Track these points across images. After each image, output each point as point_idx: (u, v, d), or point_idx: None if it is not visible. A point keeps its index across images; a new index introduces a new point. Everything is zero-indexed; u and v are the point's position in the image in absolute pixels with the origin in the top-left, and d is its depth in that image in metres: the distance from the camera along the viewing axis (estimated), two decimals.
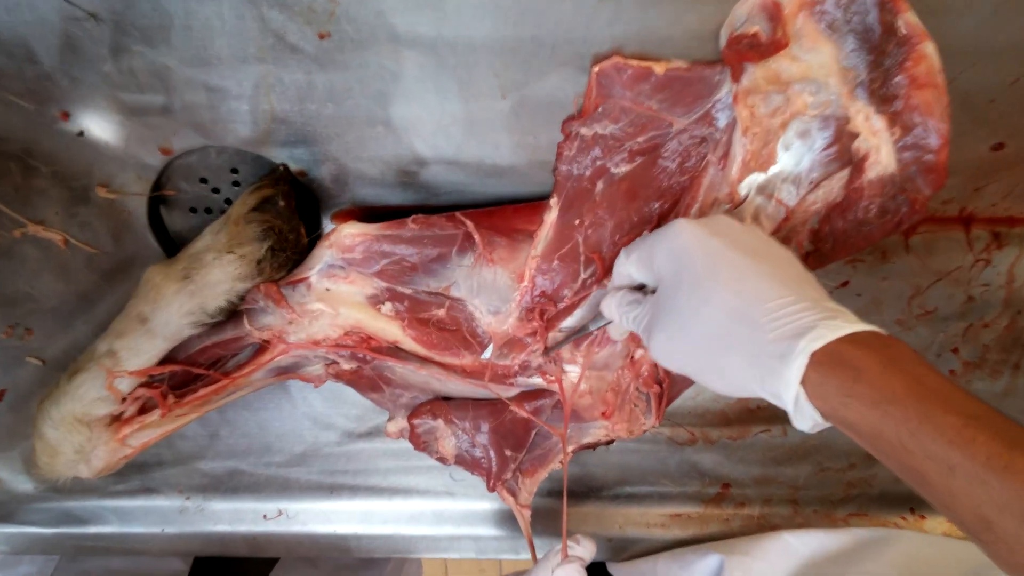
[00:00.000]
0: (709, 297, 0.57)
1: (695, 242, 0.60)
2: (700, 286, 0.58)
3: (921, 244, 0.84)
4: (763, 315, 0.54)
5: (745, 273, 0.57)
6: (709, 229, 0.61)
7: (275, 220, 0.72)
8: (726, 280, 0.57)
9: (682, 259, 0.60)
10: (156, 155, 0.75)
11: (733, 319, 0.56)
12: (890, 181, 0.66)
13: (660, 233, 0.63)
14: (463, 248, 0.76)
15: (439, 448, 0.83)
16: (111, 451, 0.77)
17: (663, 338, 0.61)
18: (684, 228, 0.61)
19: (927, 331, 0.90)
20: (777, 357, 0.52)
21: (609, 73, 0.66)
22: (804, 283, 0.57)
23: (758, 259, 0.58)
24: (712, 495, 1.02)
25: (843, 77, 0.64)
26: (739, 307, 0.56)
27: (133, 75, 0.69)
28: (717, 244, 0.59)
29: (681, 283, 0.59)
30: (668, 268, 0.62)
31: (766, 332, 0.53)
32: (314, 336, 0.77)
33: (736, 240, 0.60)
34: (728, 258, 0.58)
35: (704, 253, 0.59)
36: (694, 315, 0.58)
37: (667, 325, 0.60)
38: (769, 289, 0.56)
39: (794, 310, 0.54)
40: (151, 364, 0.75)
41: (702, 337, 0.58)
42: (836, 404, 0.50)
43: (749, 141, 0.68)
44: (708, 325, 0.57)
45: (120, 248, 0.81)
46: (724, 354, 0.57)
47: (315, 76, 0.69)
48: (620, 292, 0.69)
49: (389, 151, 0.75)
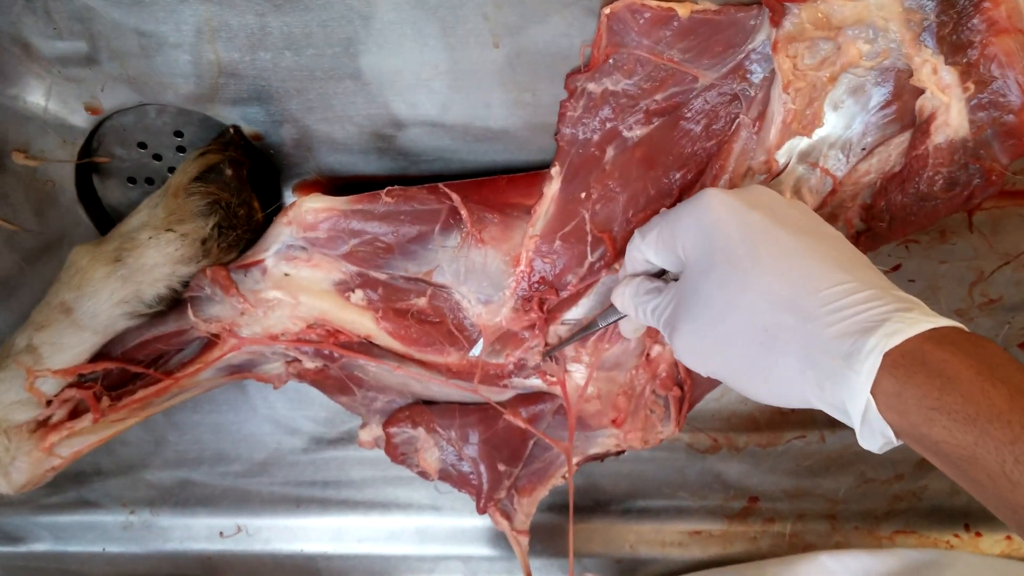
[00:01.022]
0: (749, 282, 0.54)
1: (729, 216, 0.57)
2: (737, 268, 0.55)
3: (987, 221, 0.82)
4: (819, 304, 0.51)
5: (792, 253, 0.54)
6: (746, 200, 0.58)
7: (221, 192, 0.72)
8: (769, 261, 0.54)
9: (713, 237, 0.57)
10: (82, 115, 0.74)
11: (780, 309, 0.52)
12: (961, 147, 0.64)
13: (685, 207, 0.61)
14: (448, 226, 0.75)
15: (420, 461, 0.83)
16: (35, 462, 0.76)
17: (690, 334, 0.58)
18: (715, 199, 0.58)
19: (990, 322, 0.89)
20: (840, 357, 0.49)
21: (623, 16, 0.65)
22: (864, 267, 0.55)
23: (806, 237, 0.55)
24: (737, 510, 1.02)
25: (906, 20, 0.62)
26: (787, 294, 0.52)
27: (49, 17, 0.68)
28: (756, 218, 0.56)
29: (713, 266, 0.57)
30: (696, 248, 0.59)
31: (824, 325, 0.50)
32: (271, 330, 0.77)
33: (779, 214, 0.57)
34: (771, 235, 0.55)
35: (741, 229, 0.56)
36: (730, 305, 0.55)
37: (695, 317, 0.58)
38: (824, 272, 0.53)
39: (859, 298, 0.50)
40: (80, 361, 0.74)
41: (740, 332, 0.55)
42: (917, 419, 0.46)
43: (790, 99, 0.66)
44: (748, 317, 0.54)
45: (45, 224, 0.81)
46: (768, 353, 0.53)
47: (269, 18, 0.68)
48: (635, 280, 0.67)
49: (360, 110, 0.74)
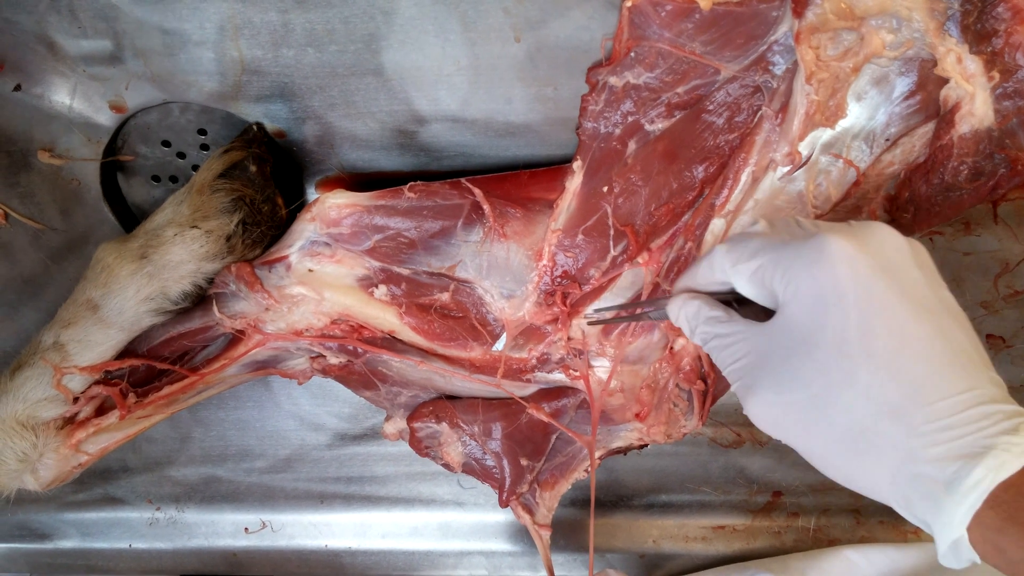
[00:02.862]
0: (857, 376, 0.48)
1: (851, 282, 0.50)
2: (847, 356, 0.49)
3: (1012, 212, 0.82)
4: (926, 418, 0.47)
5: (909, 345, 0.49)
6: (873, 259, 0.51)
7: (246, 188, 0.72)
8: (884, 355, 0.48)
9: (827, 299, 0.50)
10: (107, 113, 0.75)
11: (884, 416, 0.48)
12: (986, 137, 0.64)
13: (802, 249, 0.52)
14: (470, 221, 0.75)
15: (443, 455, 0.83)
16: (62, 459, 0.76)
17: (771, 405, 0.53)
18: (839, 253, 0.50)
19: (1017, 314, 0.88)
20: (940, 482, 0.45)
21: (644, 9, 0.65)
22: (974, 356, 0.49)
23: (928, 319, 0.49)
24: (761, 504, 1.01)
25: (930, 9, 0.62)
26: (896, 401, 0.48)
27: (74, 16, 0.68)
28: (880, 289, 0.50)
29: (818, 342, 0.50)
30: (802, 306, 0.51)
31: (928, 443, 0.46)
32: (295, 325, 0.77)
33: (904, 280, 0.51)
34: (892, 316, 0.49)
35: (860, 304, 0.49)
36: (829, 395, 0.49)
37: (782, 389, 0.52)
38: (938, 376, 0.48)
39: (968, 416, 0.46)
40: (106, 358, 0.74)
41: (834, 426, 0.50)
42: (1016, 557, 0.43)
43: (814, 90, 0.66)
44: (847, 415, 0.49)
45: (70, 223, 0.81)
46: (859, 456, 0.49)
47: (291, 16, 0.69)
48: (697, 301, 0.59)
49: (382, 106, 0.74)
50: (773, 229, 0.56)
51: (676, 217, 0.72)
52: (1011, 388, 0.88)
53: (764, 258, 0.54)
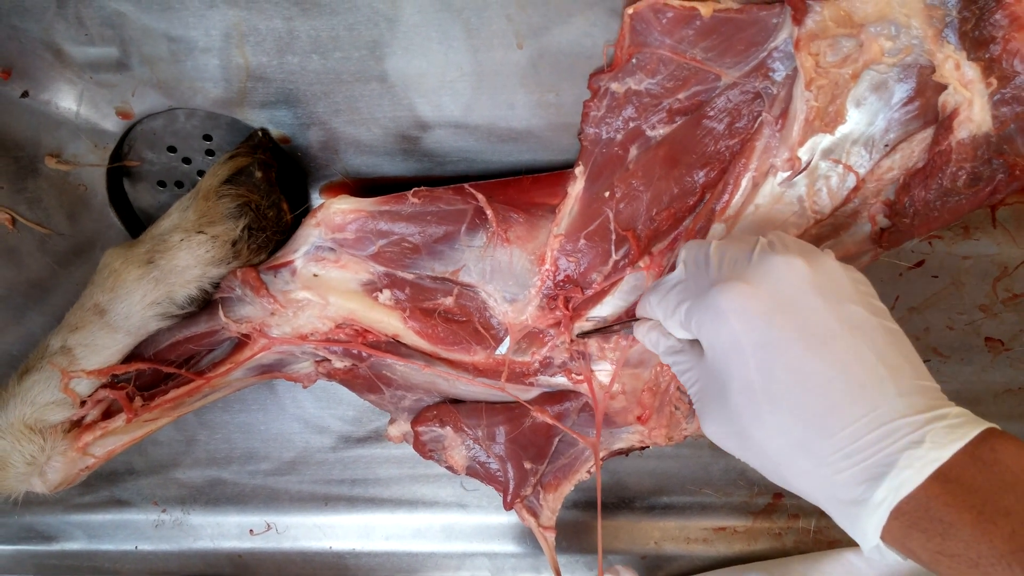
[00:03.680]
0: (764, 419, 0.53)
1: (745, 328, 0.54)
2: (752, 402, 0.53)
3: (1010, 216, 0.81)
4: (831, 450, 0.50)
5: (810, 381, 0.52)
6: (767, 301, 0.54)
7: (251, 194, 0.72)
8: (785, 393, 0.52)
9: (728, 350, 0.54)
10: (113, 119, 0.74)
11: (793, 451, 0.52)
12: (984, 142, 0.63)
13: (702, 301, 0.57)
14: (473, 226, 0.75)
15: (448, 459, 0.83)
16: (70, 462, 0.76)
17: (714, 432, 0.58)
18: (731, 303, 0.54)
19: (1015, 318, 0.88)
20: (850, 503, 0.50)
21: (646, 16, 0.65)
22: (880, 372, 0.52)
23: (824, 350, 0.52)
24: (762, 506, 1.01)
25: (928, 16, 0.62)
26: (800, 436, 0.51)
27: (81, 23, 0.68)
28: (778, 333, 0.53)
29: (731, 386, 0.55)
30: (716, 355, 0.56)
31: (835, 471, 0.50)
32: (300, 330, 0.77)
33: (801, 314, 0.53)
34: (789, 354, 0.52)
35: (759, 348, 0.53)
36: (749, 430, 0.54)
37: (717, 421, 0.57)
38: (839, 406, 0.51)
39: (870, 440, 0.49)
40: (113, 362, 0.74)
41: (760, 455, 0.54)
42: (924, 559, 0.48)
43: (813, 96, 0.66)
44: (765, 446, 0.53)
45: (77, 228, 0.81)
46: (789, 480, 0.54)
47: (296, 23, 0.68)
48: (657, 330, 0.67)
49: (385, 112, 0.74)
50: (686, 271, 0.62)
51: (677, 222, 0.72)
52: (1009, 391, 0.90)
53: (683, 310, 0.59)
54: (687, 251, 0.62)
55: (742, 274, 0.55)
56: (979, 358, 0.88)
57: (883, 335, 0.53)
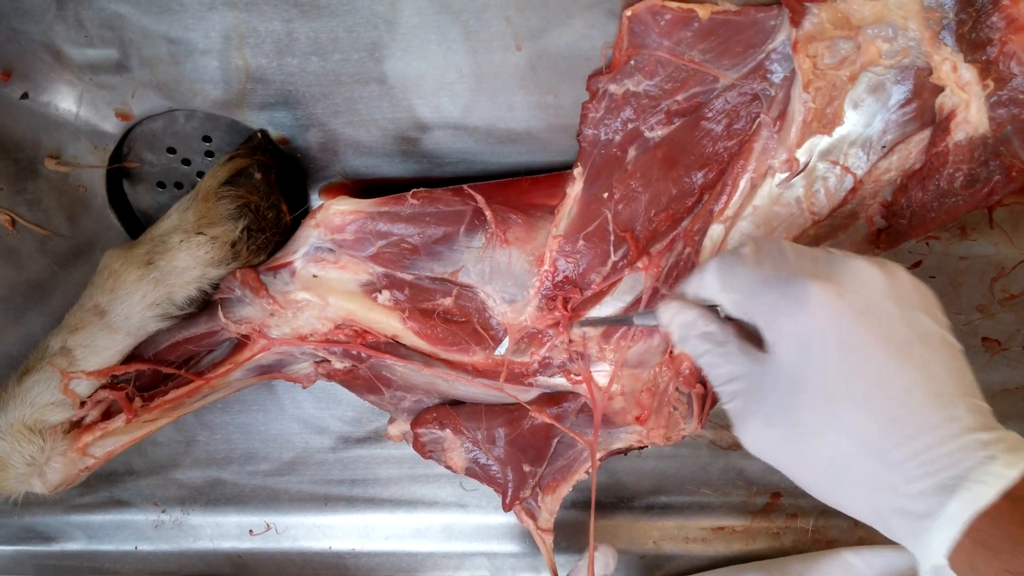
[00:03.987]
0: (841, 416, 0.51)
1: (833, 324, 0.52)
2: (831, 398, 0.51)
3: (1007, 217, 0.81)
4: (906, 456, 0.49)
5: (891, 385, 0.50)
6: (852, 301, 0.52)
7: (251, 195, 0.71)
8: (866, 394, 0.50)
9: (812, 344, 0.52)
10: (113, 121, 0.74)
11: (867, 454, 0.50)
12: (980, 144, 0.63)
13: (783, 291, 0.54)
14: (472, 227, 0.74)
15: (447, 460, 0.82)
16: (70, 462, 0.76)
17: (763, 436, 0.55)
18: (820, 298, 0.52)
19: (1012, 318, 0.87)
20: (919, 516, 0.48)
21: (644, 18, 0.65)
22: (951, 386, 0.51)
23: (909, 358, 0.51)
24: (760, 506, 1.01)
25: (925, 19, 0.62)
26: (876, 438, 0.50)
27: (80, 25, 0.68)
28: (863, 335, 0.51)
29: (804, 383, 0.52)
30: (789, 348, 0.53)
31: (907, 479, 0.49)
32: (300, 330, 0.76)
33: (883, 320, 0.52)
34: (874, 359, 0.51)
35: (842, 348, 0.51)
36: (815, 431, 0.52)
37: (773, 422, 0.53)
38: (914, 413, 0.50)
39: (946, 451, 0.48)
40: (113, 363, 0.74)
41: (820, 460, 0.52)
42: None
43: (811, 98, 0.66)
44: (833, 451, 0.51)
45: (76, 229, 0.81)
46: (845, 488, 0.52)
47: (295, 24, 0.68)
48: (693, 312, 0.60)
49: (385, 114, 0.74)
50: (759, 255, 0.57)
51: (675, 223, 0.72)
52: (1007, 390, 0.90)
53: (749, 293, 0.56)
54: (756, 243, 0.59)
55: (827, 273, 0.54)
56: (976, 358, 0.88)
57: (949, 350, 0.53)
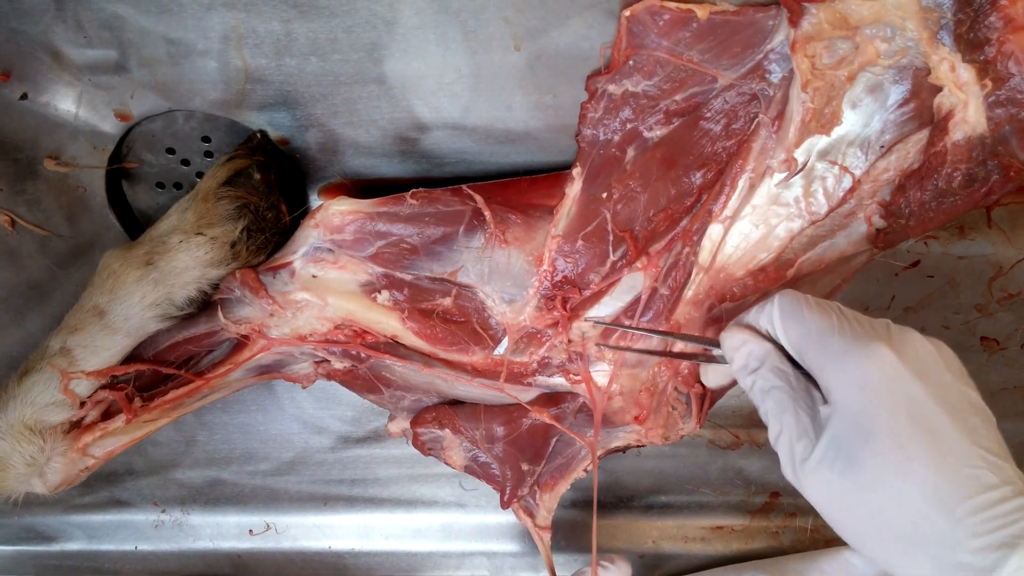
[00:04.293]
0: (910, 468, 0.52)
1: (897, 385, 0.54)
2: (901, 449, 0.52)
3: (1006, 217, 0.82)
4: (967, 511, 0.50)
5: (952, 442, 0.52)
6: (913, 364, 0.55)
7: (250, 196, 0.71)
8: (932, 451, 0.52)
9: (880, 398, 0.54)
10: (112, 121, 0.74)
11: (932, 507, 0.51)
12: (979, 144, 0.63)
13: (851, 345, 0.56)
14: (471, 227, 0.74)
15: (446, 459, 0.82)
16: (70, 462, 0.76)
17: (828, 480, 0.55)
18: (886, 355, 0.55)
19: (1010, 317, 0.88)
20: (979, 571, 0.49)
21: (642, 18, 0.65)
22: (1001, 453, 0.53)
23: (961, 419, 0.53)
24: (759, 505, 1.01)
25: (923, 19, 0.62)
26: (944, 492, 0.51)
27: (79, 26, 0.68)
28: (920, 392, 0.54)
29: (874, 433, 0.53)
30: (856, 397, 0.55)
31: (970, 534, 0.50)
32: (299, 330, 0.76)
33: (940, 384, 0.55)
34: (930, 416, 0.53)
35: (907, 403, 0.53)
36: (883, 481, 0.53)
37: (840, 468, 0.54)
38: (977, 472, 0.51)
39: (1004, 510, 0.50)
40: (112, 363, 0.74)
41: (884, 513, 0.53)
42: None
43: (809, 98, 0.65)
44: (899, 504, 0.52)
45: (76, 230, 0.81)
46: (905, 543, 0.52)
47: (294, 25, 0.68)
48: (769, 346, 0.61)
49: (384, 114, 0.74)
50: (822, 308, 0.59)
51: (674, 223, 0.72)
52: (1005, 390, 0.91)
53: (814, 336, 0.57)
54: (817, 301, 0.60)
55: (885, 336, 0.56)
56: (975, 358, 0.88)
57: (991, 420, 0.55)
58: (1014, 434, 0.89)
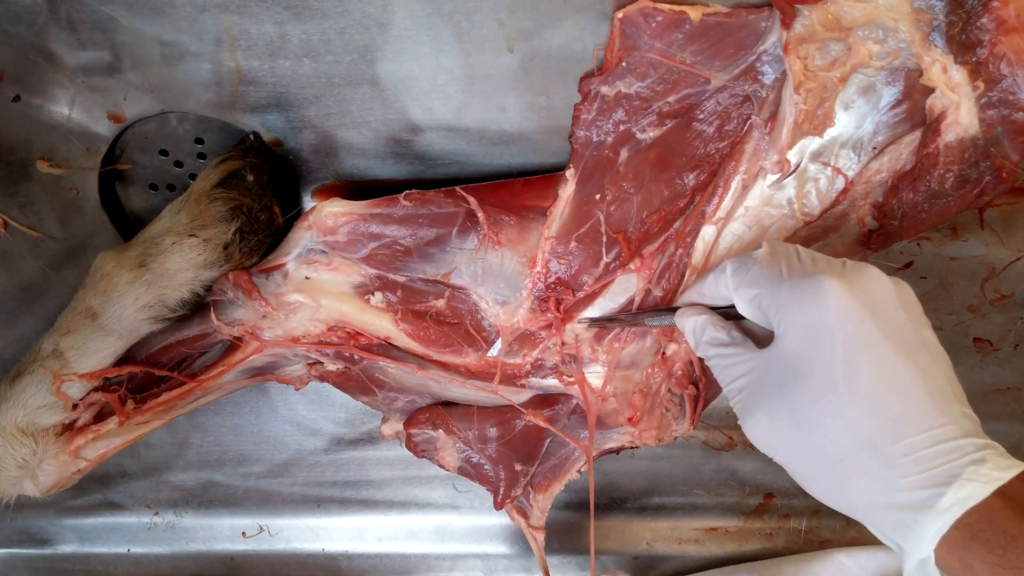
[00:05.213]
0: (840, 409, 0.52)
1: (841, 321, 0.54)
2: (832, 390, 0.53)
3: (998, 218, 0.81)
4: (901, 452, 0.51)
5: (891, 381, 0.52)
6: (863, 300, 0.54)
7: (243, 197, 0.71)
8: (866, 388, 0.52)
9: (819, 338, 0.54)
10: (105, 123, 0.74)
11: (863, 448, 0.52)
12: (971, 145, 0.63)
13: (799, 286, 0.56)
14: (465, 228, 0.74)
15: (440, 460, 0.82)
16: (62, 465, 0.75)
17: (765, 428, 0.57)
18: (832, 292, 0.54)
19: (1003, 318, 0.88)
20: (911, 508, 0.50)
21: (635, 20, 0.65)
22: (949, 393, 0.53)
23: (908, 357, 0.53)
24: (753, 506, 1.01)
25: (916, 20, 0.62)
26: (873, 433, 0.51)
27: (72, 27, 0.67)
28: (868, 328, 0.53)
29: (808, 374, 0.54)
30: (797, 339, 0.55)
31: (901, 474, 0.50)
32: (292, 332, 0.76)
33: (890, 321, 0.55)
34: (876, 353, 0.53)
35: (847, 342, 0.53)
36: (814, 423, 0.53)
37: (775, 414, 0.56)
38: (914, 412, 0.52)
39: (939, 451, 0.50)
40: (105, 365, 0.74)
41: (817, 450, 0.54)
42: (983, 573, 0.48)
43: (802, 99, 0.65)
44: (830, 442, 0.53)
45: (69, 232, 0.80)
46: (838, 480, 0.53)
47: (287, 27, 0.67)
48: (704, 316, 0.64)
49: (377, 116, 0.74)
50: (773, 257, 0.59)
51: (667, 224, 0.72)
52: (998, 391, 0.90)
53: (763, 288, 0.58)
54: (771, 245, 0.61)
55: (840, 272, 0.56)
56: (968, 358, 0.88)
57: (946, 362, 0.55)
58: (1007, 435, 0.89)
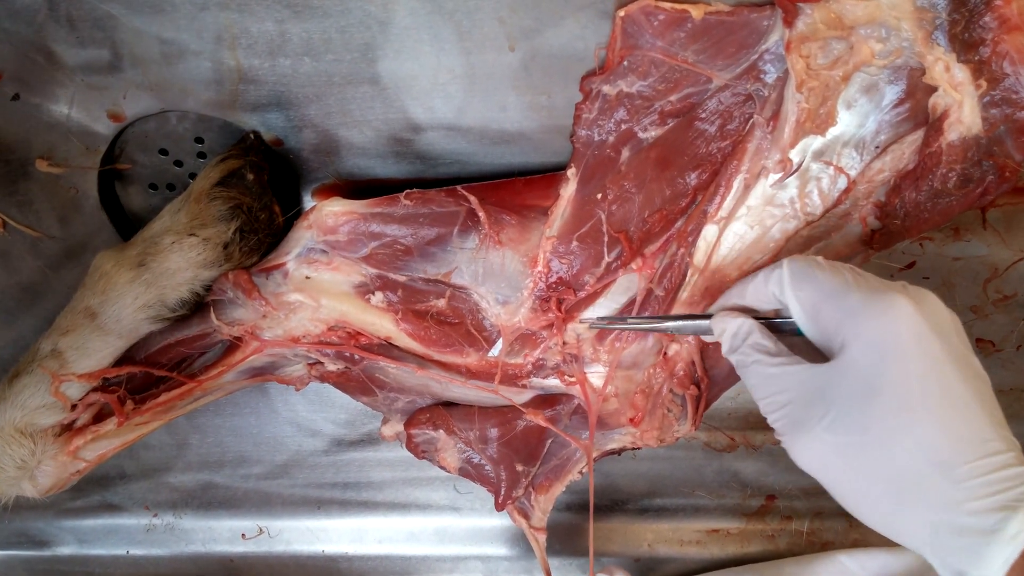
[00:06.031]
0: (914, 426, 0.51)
1: (914, 340, 0.53)
2: (906, 407, 0.52)
3: (1000, 218, 0.81)
4: (970, 473, 0.50)
5: (959, 402, 0.52)
6: (931, 322, 0.54)
7: (243, 196, 0.71)
8: (939, 409, 0.51)
9: (890, 351, 0.53)
10: (105, 122, 0.74)
11: (933, 466, 0.50)
12: (974, 144, 0.63)
13: (868, 301, 0.55)
14: (466, 228, 0.74)
15: (440, 460, 0.82)
16: (60, 466, 0.75)
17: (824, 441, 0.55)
18: (906, 314, 0.53)
19: (1005, 319, 0.88)
20: (978, 533, 0.48)
21: (637, 18, 0.65)
22: (1002, 420, 0.53)
23: (969, 381, 0.53)
24: (755, 508, 1.01)
25: (918, 19, 0.61)
26: (947, 453, 0.50)
27: (72, 26, 0.67)
28: (936, 350, 0.53)
29: (881, 389, 0.53)
30: (867, 353, 0.54)
31: (969, 496, 0.49)
32: (292, 332, 0.76)
33: (953, 345, 0.54)
34: (945, 375, 0.52)
35: (922, 360, 0.52)
36: (883, 441, 0.52)
37: (838, 429, 0.54)
38: (977, 436, 0.51)
39: (1004, 476, 0.49)
40: (104, 365, 0.74)
41: (883, 470, 0.52)
42: None
43: (804, 98, 0.65)
44: (899, 461, 0.51)
45: (68, 231, 0.80)
46: (901, 503, 0.52)
47: (288, 25, 0.67)
48: (749, 323, 0.62)
49: (378, 115, 0.74)
50: (834, 270, 0.58)
51: (669, 224, 0.72)
52: (1000, 391, 0.89)
53: (828, 297, 0.57)
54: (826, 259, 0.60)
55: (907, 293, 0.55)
56: None
57: (990, 388, 0.55)
58: None
